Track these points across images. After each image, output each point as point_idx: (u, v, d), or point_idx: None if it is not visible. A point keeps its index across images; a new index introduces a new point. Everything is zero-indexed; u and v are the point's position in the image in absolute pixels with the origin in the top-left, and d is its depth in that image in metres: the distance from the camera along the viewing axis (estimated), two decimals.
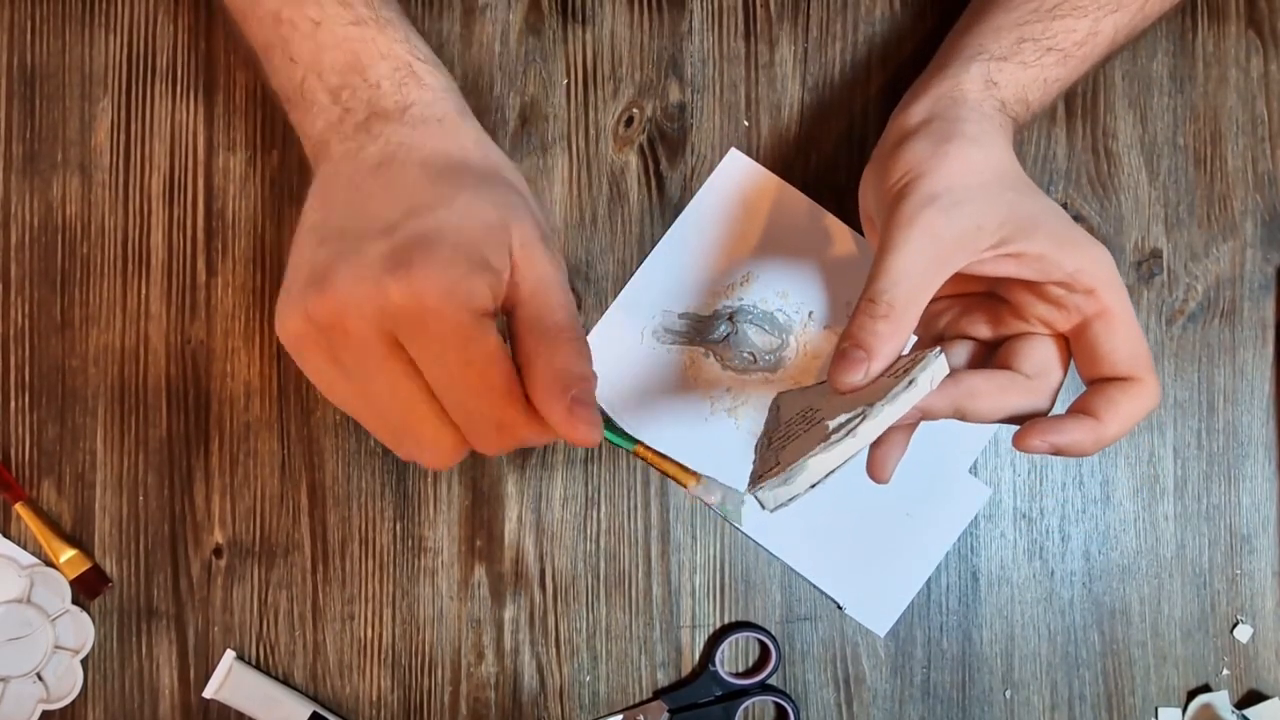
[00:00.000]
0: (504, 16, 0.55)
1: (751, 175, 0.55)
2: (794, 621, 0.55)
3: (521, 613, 0.54)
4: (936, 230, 0.39)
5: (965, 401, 0.39)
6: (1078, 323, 0.40)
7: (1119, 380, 0.40)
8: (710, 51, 0.55)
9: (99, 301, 0.53)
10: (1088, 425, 0.39)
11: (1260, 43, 0.57)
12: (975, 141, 0.42)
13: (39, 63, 0.54)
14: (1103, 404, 0.39)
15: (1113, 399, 0.39)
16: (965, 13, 0.51)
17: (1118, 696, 0.56)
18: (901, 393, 0.37)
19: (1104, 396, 0.39)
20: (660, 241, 0.55)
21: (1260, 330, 0.56)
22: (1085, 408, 0.40)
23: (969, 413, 0.40)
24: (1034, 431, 0.39)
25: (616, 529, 0.55)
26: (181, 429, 0.54)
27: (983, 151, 0.42)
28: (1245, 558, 0.56)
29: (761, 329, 0.55)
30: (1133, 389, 0.39)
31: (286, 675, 0.54)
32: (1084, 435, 0.39)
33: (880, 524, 0.55)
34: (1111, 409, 0.39)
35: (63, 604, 0.53)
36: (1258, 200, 0.56)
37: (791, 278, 0.55)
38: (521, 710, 0.54)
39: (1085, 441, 0.39)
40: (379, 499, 0.54)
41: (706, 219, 0.55)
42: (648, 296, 0.54)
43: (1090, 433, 0.39)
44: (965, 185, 0.40)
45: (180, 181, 0.54)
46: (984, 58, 0.45)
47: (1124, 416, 0.39)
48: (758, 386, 0.55)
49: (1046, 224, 0.40)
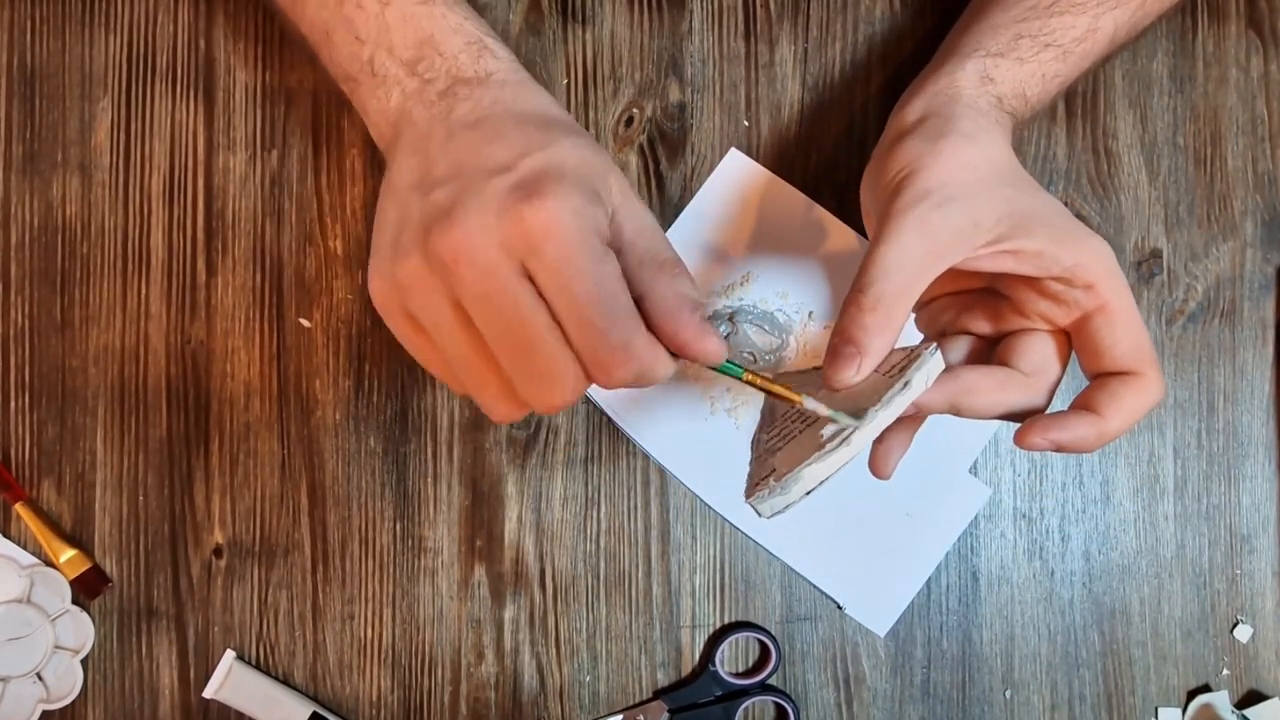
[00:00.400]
0: (504, 16, 0.55)
1: (751, 175, 0.55)
2: (794, 621, 0.55)
3: (521, 613, 0.54)
4: (930, 225, 0.39)
5: (961, 398, 0.39)
6: (1078, 318, 0.40)
7: (1121, 375, 0.40)
8: (710, 51, 0.55)
9: (99, 301, 0.53)
10: (1090, 421, 0.39)
11: (1260, 42, 0.57)
12: (970, 138, 0.42)
13: (39, 62, 0.54)
14: (1105, 399, 0.39)
15: (1115, 394, 0.39)
16: (965, 11, 0.51)
17: (1118, 696, 0.56)
18: (897, 395, 0.37)
19: (1106, 391, 0.39)
20: None
21: (1260, 330, 0.56)
22: (1087, 403, 0.39)
23: (965, 409, 0.40)
24: (1035, 429, 0.39)
25: (616, 529, 0.55)
26: (181, 429, 0.54)
27: (978, 148, 0.42)
28: (1245, 558, 0.56)
29: (761, 329, 0.55)
30: (1135, 383, 0.39)
31: (286, 675, 0.54)
32: (1086, 431, 0.39)
33: (880, 524, 0.55)
34: (1114, 404, 0.39)
35: (63, 604, 0.53)
36: (1258, 200, 0.56)
37: (791, 277, 0.55)
38: (521, 710, 0.54)
39: (1088, 437, 0.39)
40: (379, 499, 0.54)
41: (706, 219, 0.55)
42: None
43: (1092, 428, 0.39)
44: (960, 181, 0.40)
45: (180, 181, 0.54)
46: (980, 54, 0.45)
47: (1127, 411, 0.39)
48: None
49: (1044, 219, 0.40)
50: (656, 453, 0.54)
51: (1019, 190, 0.41)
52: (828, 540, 0.54)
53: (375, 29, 0.41)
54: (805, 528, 0.54)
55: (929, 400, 0.39)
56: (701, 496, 0.54)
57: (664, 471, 0.55)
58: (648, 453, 0.54)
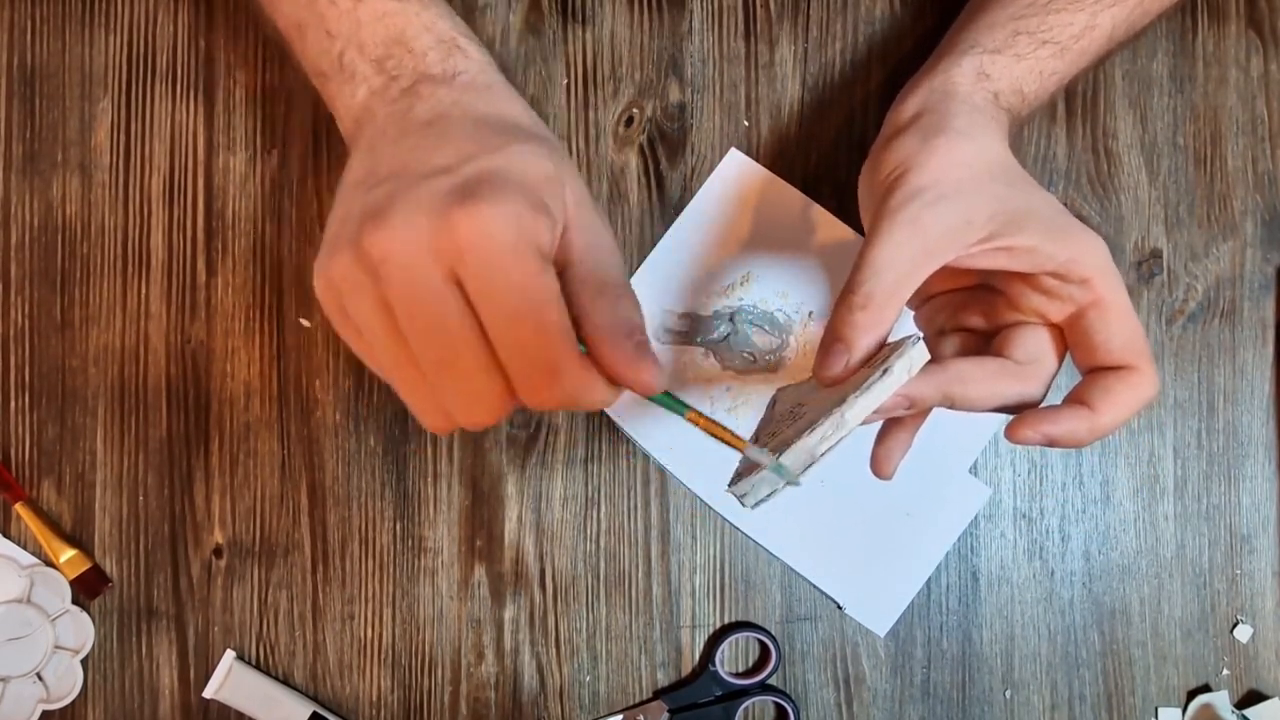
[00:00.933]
0: (504, 16, 0.55)
1: (751, 175, 0.55)
2: (794, 621, 0.55)
3: (521, 613, 0.54)
4: (922, 224, 0.39)
5: (955, 387, 0.39)
6: (1072, 312, 0.40)
7: (1115, 370, 0.39)
8: (710, 51, 0.55)
9: (99, 301, 0.53)
10: (1082, 415, 0.39)
11: (1260, 42, 0.57)
12: (965, 134, 0.42)
13: (39, 62, 0.54)
14: (1098, 394, 0.39)
15: (1109, 388, 0.39)
16: (964, 9, 0.51)
17: (1118, 696, 0.56)
18: (876, 382, 0.37)
19: (1100, 386, 0.39)
20: (660, 241, 0.55)
21: (1260, 330, 0.56)
22: (1080, 397, 0.39)
23: (959, 400, 0.39)
24: (1026, 422, 0.39)
25: (616, 529, 0.55)
26: (181, 429, 0.54)
27: (973, 144, 0.42)
28: (1245, 558, 0.56)
29: (761, 329, 0.55)
30: (1129, 378, 0.39)
31: (286, 675, 0.54)
32: (1078, 425, 0.39)
33: (880, 524, 0.55)
34: (1107, 398, 0.39)
35: (63, 604, 0.53)
36: (1258, 200, 0.56)
37: (791, 277, 0.55)
38: (521, 710, 0.54)
39: (1079, 431, 0.39)
40: (379, 499, 0.54)
41: (706, 218, 0.55)
42: (648, 296, 0.54)
43: (1084, 422, 0.39)
44: (954, 179, 0.40)
45: (180, 181, 0.54)
46: (977, 51, 0.45)
47: (1120, 406, 0.39)
48: (758, 386, 0.55)
49: (1038, 215, 0.40)
50: (656, 453, 0.54)
51: (1013, 187, 0.41)
52: (828, 540, 0.54)
53: (347, 25, 0.41)
54: (805, 527, 0.54)
55: (921, 392, 0.39)
56: (702, 496, 0.54)
57: (664, 472, 0.54)
58: (648, 453, 0.54)
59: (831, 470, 0.54)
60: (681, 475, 0.54)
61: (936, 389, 0.39)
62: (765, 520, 0.54)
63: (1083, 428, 0.39)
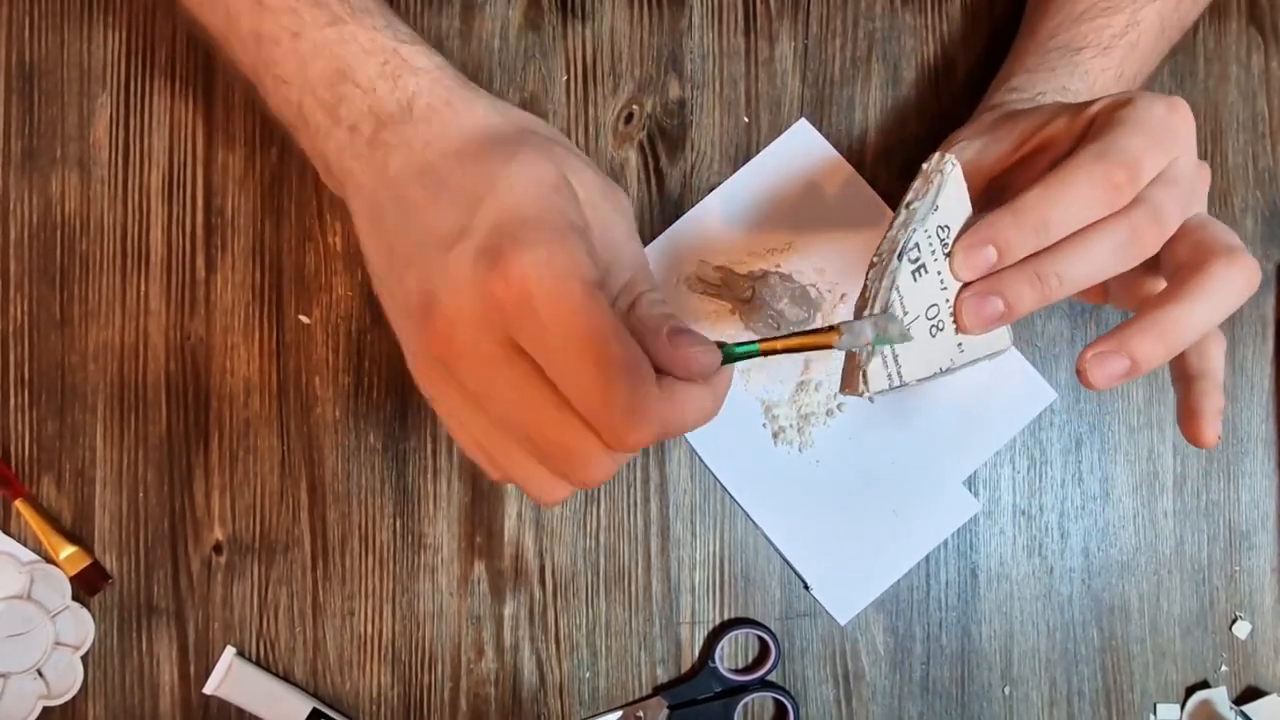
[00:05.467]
0: (503, 12, 0.55)
1: (815, 149, 0.55)
2: (793, 618, 0.55)
3: (521, 609, 0.54)
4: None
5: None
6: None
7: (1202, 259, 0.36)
8: (710, 47, 0.55)
9: (98, 298, 0.53)
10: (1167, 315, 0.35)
11: (1261, 39, 0.57)
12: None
13: (38, 58, 0.54)
14: (1190, 279, 0.36)
15: (1208, 269, 0.35)
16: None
17: (1116, 693, 0.56)
18: (920, 205, 0.37)
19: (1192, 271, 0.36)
20: (712, 193, 0.55)
21: (1260, 327, 0.56)
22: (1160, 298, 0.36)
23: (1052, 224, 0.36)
24: (1093, 353, 0.35)
25: (616, 525, 0.55)
26: (181, 425, 0.54)
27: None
28: (1244, 554, 0.56)
29: (791, 299, 0.54)
30: (1221, 260, 0.36)
31: (287, 671, 0.54)
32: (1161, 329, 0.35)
33: (865, 515, 0.55)
34: (1204, 277, 0.35)
35: (63, 600, 0.53)
36: (1258, 197, 0.56)
37: (832, 257, 0.55)
38: (521, 706, 0.54)
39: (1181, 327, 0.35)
40: (379, 495, 0.54)
41: (761, 181, 0.55)
42: (688, 244, 0.54)
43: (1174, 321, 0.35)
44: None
45: (179, 178, 0.54)
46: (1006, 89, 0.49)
47: (1219, 283, 0.35)
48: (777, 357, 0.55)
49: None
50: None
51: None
52: (809, 518, 0.54)
53: (293, 66, 0.38)
54: (793, 502, 0.54)
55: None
56: (704, 459, 0.54)
57: (663, 468, 0.55)
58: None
59: (831, 455, 0.54)
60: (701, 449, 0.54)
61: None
62: (755, 493, 0.54)
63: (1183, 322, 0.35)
